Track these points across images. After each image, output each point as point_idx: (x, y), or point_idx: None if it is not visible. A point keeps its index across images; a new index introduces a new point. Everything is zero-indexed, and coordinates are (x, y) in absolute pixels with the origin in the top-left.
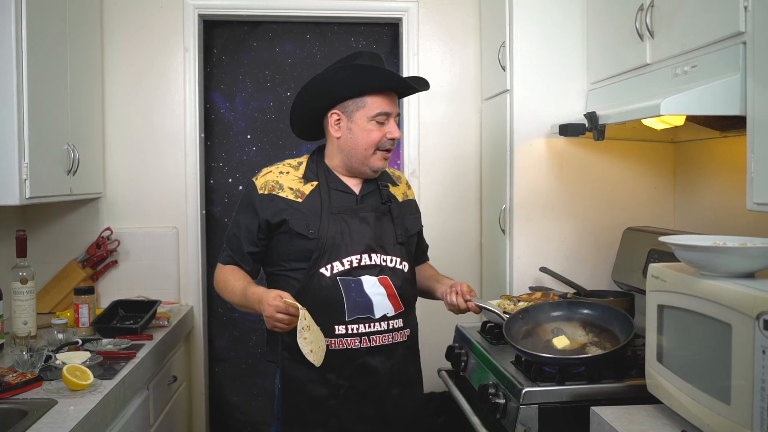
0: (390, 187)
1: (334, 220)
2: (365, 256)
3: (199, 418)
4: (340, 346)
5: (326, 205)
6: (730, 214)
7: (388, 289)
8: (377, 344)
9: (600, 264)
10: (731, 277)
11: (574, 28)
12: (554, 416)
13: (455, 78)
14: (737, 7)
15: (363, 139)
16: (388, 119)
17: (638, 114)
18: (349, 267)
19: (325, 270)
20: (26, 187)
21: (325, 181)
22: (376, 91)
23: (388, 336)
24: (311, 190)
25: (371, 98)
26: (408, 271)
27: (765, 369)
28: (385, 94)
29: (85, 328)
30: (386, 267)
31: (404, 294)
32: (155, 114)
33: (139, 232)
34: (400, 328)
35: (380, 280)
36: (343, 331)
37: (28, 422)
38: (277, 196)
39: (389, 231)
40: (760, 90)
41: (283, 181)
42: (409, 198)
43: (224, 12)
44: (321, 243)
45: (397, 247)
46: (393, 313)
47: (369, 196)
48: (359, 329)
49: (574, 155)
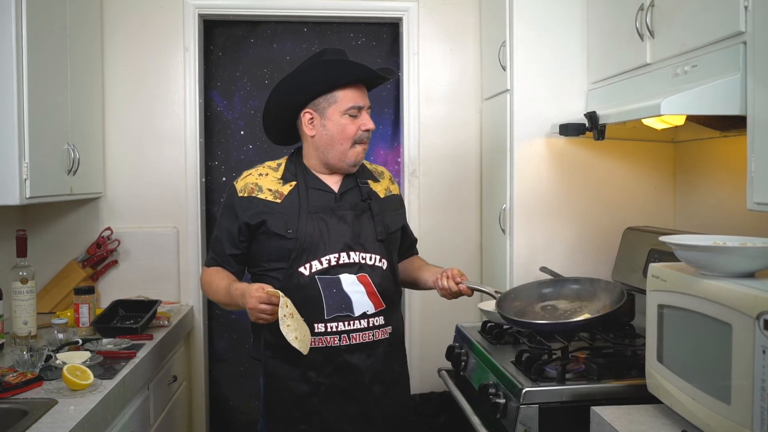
0: (371, 183)
1: (312, 219)
2: (343, 255)
3: (199, 417)
4: (320, 344)
5: (304, 205)
6: (731, 214)
7: (367, 287)
8: (357, 342)
9: (600, 264)
10: (731, 276)
11: (574, 27)
12: (554, 416)
13: (455, 78)
14: (737, 6)
15: (338, 134)
16: (360, 112)
17: (638, 114)
18: (328, 266)
19: (303, 269)
20: (26, 187)
21: (304, 180)
22: (346, 84)
23: (369, 334)
24: (290, 191)
25: (342, 92)
26: (388, 268)
27: (765, 369)
28: (355, 87)
29: (85, 328)
30: (365, 265)
31: (384, 291)
32: (155, 114)
33: (139, 232)
34: (381, 326)
35: (359, 278)
36: (323, 329)
37: (28, 422)
38: (257, 198)
39: (369, 228)
40: (761, 90)
41: (262, 182)
42: (392, 193)
43: (224, 12)
44: (299, 242)
45: (377, 244)
46: (373, 311)
47: (348, 193)
48: (339, 327)
49: (574, 155)
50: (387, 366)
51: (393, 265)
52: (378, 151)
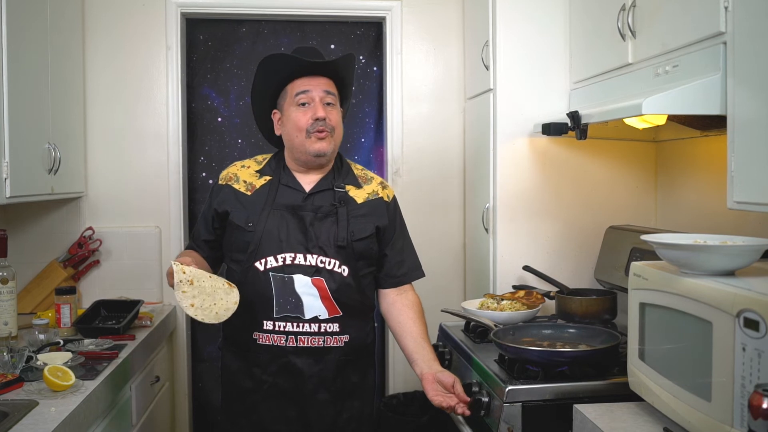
0: (351, 189)
1: (274, 215)
2: (300, 256)
3: (182, 418)
4: (267, 342)
5: (270, 200)
6: (711, 213)
7: (321, 291)
8: (305, 345)
9: (582, 262)
10: (712, 275)
11: (556, 27)
12: (537, 414)
13: (438, 77)
14: (718, 7)
15: (293, 127)
16: (312, 101)
17: (620, 113)
18: (282, 264)
19: (259, 264)
20: (6, 187)
21: (278, 176)
22: (292, 77)
23: (319, 339)
24: (262, 185)
25: (290, 85)
26: (349, 275)
27: (745, 366)
28: (306, 78)
29: (66, 329)
30: (323, 269)
31: (341, 298)
32: (137, 113)
33: (121, 232)
34: (335, 333)
35: (313, 281)
36: (271, 327)
37: (8, 423)
38: (230, 187)
39: (330, 233)
40: (740, 90)
41: (240, 174)
42: (378, 197)
43: (207, 10)
44: (257, 237)
45: (338, 250)
46: (326, 317)
47: (319, 195)
48: (287, 327)
49: (556, 154)
50: (339, 375)
51: (357, 274)
52: (361, 151)
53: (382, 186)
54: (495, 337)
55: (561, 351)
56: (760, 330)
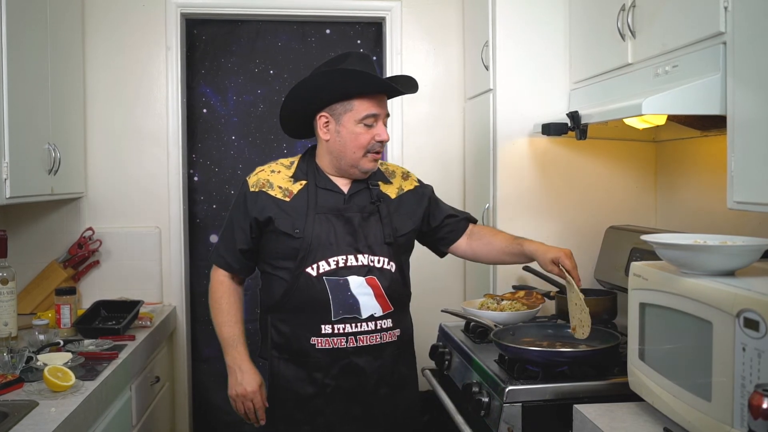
0: (382, 185)
1: (320, 219)
2: (351, 257)
3: (182, 418)
4: (327, 346)
5: (312, 205)
6: (711, 213)
7: (375, 290)
8: (364, 344)
9: (582, 262)
10: (712, 275)
11: (556, 27)
12: (538, 414)
13: (439, 77)
14: (717, 7)
15: (351, 143)
16: (376, 121)
17: (620, 113)
18: (335, 267)
19: (311, 269)
20: (6, 187)
21: (314, 180)
22: (363, 94)
23: (376, 336)
24: (299, 189)
25: (358, 101)
26: (396, 271)
27: (745, 366)
28: (373, 96)
29: (66, 329)
30: (374, 267)
31: (393, 294)
32: (137, 113)
33: (121, 232)
34: (389, 329)
35: (367, 281)
36: (330, 331)
37: (8, 424)
38: (266, 194)
39: (377, 231)
40: (740, 90)
41: (273, 179)
42: (405, 191)
43: (207, 11)
44: (306, 243)
45: (385, 247)
46: (381, 314)
47: (357, 195)
48: (345, 329)
49: (556, 154)
50: (394, 369)
51: (402, 268)
52: None
53: (403, 177)
54: (495, 337)
55: (561, 351)
56: (760, 330)
